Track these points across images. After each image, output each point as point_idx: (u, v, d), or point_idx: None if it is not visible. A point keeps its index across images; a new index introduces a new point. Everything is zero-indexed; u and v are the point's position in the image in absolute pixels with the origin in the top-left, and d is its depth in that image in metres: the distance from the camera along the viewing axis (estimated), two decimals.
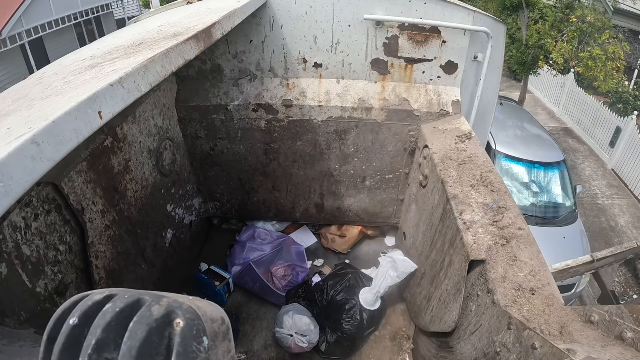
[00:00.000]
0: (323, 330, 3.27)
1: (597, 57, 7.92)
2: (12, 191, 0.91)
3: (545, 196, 6.79)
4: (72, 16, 18.66)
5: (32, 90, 1.58)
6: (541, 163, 6.99)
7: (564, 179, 6.98)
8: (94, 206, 2.32)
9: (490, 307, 1.80)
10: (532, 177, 6.89)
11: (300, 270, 3.81)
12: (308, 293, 3.49)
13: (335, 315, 3.25)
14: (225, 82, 3.39)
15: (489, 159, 2.72)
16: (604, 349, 1.32)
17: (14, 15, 15.48)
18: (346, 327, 3.19)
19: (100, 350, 0.57)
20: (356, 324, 3.21)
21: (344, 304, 3.27)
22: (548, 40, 8.41)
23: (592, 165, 11.02)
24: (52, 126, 1.00)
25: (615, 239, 8.46)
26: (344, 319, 3.22)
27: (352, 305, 3.27)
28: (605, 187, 10.23)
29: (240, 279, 3.75)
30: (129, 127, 2.68)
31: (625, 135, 10.16)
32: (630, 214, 9.35)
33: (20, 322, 1.72)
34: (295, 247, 4.03)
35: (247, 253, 3.83)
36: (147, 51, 1.59)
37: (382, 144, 3.48)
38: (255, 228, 4.09)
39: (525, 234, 2.06)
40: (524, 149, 7.19)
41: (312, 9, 3.07)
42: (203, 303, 0.65)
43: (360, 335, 3.25)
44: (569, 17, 8.16)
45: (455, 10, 3.03)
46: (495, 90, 3.59)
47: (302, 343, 3.18)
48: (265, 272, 3.75)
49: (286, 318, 3.27)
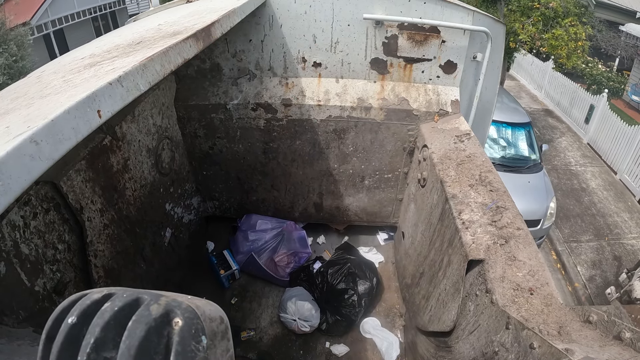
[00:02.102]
0: (324, 312, 3.53)
1: (559, 37, 9.15)
2: (10, 190, 0.91)
3: (512, 150, 8.29)
4: (92, 10, 19.99)
5: (31, 88, 1.58)
6: (509, 123, 8.44)
7: (530, 138, 8.43)
8: (92, 205, 2.32)
9: (488, 307, 1.80)
10: (501, 135, 8.39)
11: (303, 255, 3.94)
12: (310, 277, 3.73)
13: (335, 301, 3.52)
14: (224, 81, 3.39)
15: (488, 159, 2.73)
16: (603, 349, 1.32)
17: (43, 6, 16.74)
18: (344, 312, 3.49)
19: (99, 350, 0.57)
20: (353, 309, 3.50)
21: (343, 293, 3.53)
22: (517, 24, 9.70)
23: (569, 140, 12.30)
24: (51, 125, 1.00)
25: (586, 197, 9.68)
26: (342, 305, 3.50)
27: (350, 294, 3.51)
28: (580, 157, 11.44)
29: (245, 267, 3.89)
30: (128, 126, 2.68)
31: (598, 111, 11.53)
32: (602, 179, 10.44)
33: (19, 321, 1.71)
34: (296, 232, 4.09)
35: (248, 242, 3.93)
36: (146, 50, 1.59)
37: (381, 144, 3.48)
38: (256, 217, 4.13)
39: (524, 234, 2.06)
40: (496, 113, 8.43)
41: (312, 8, 3.06)
42: (202, 302, 0.65)
43: (356, 317, 3.54)
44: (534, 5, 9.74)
45: (454, 10, 3.03)
46: (494, 91, 3.59)
47: (305, 327, 3.46)
48: (268, 261, 3.87)
49: (289, 304, 3.52)
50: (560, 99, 13.79)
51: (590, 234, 8.59)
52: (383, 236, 4.45)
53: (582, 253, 8.13)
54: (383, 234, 4.46)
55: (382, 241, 4.42)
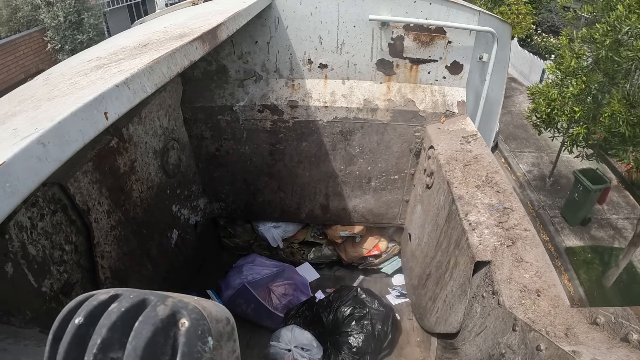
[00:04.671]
0: (326, 352, 2.97)
1: (503, 13, 12.35)
2: (18, 191, 0.92)
3: None
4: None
5: (39, 91, 1.59)
6: None
7: None
8: (99, 206, 2.33)
9: (495, 309, 1.79)
10: None
11: (302, 290, 3.60)
12: (311, 311, 3.18)
13: (343, 328, 2.95)
14: (230, 83, 3.40)
15: (495, 159, 2.71)
16: (610, 351, 1.31)
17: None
18: (355, 342, 2.87)
19: (106, 350, 0.57)
20: (368, 335, 2.89)
21: (352, 314, 3.01)
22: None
23: (525, 96, 14.19)
24: (58, 127, 1.01)
25: (531, 130, 10.32)
26: (352, 331, 2.92)
27: (362, 314, 2.98)
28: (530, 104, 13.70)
29: (232, 302, 3.53)
30: (135, 128, 2.69)
31: (547, 73, 13.29)
32: None
33: (26, 322, 1.72)
34: (298, 276, 3.94)
35: (242, 275, 3.69)
36: (152, 52, 1.59)
37: (387, 145, 3.48)
38: (256, 256, 4.02)
39: (531, 235, 2.04)
40: None
41: (318, 10, 3.06)
42: (208, 303, 0.66)
43: (370, 351, 2.92)
44: None
45: (460, 10, 3.02)
46: (501, 91, 3.57)
47: (303, 358, 2.90)
48: (263, 290, 3.52)
49: (284, 332, 3.05)
50: (522, 67, 16.58)
51: (532, 149, 11.80)
52: (394, 293, 4.10)
53: (524, 158, 11.38)
54: (394, 291, 4.13)
55: (395, 298, 4.02)
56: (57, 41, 12.06)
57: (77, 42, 12.23)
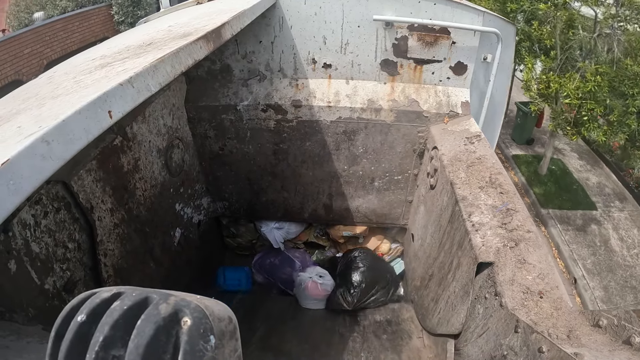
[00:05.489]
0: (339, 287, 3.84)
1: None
2: (22, 189, 0.92)
3: None
4: None
5: (43, 89, 1.60)
6: None
7: None
8: (103, 205, 2.34)
9: (497, 310, 1.79)
10: None
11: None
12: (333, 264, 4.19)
13: (346, 271, 3.86)
14: (234, 82, 3.40)
15: (499, 160, 2.71)
16: (612, 354, 1.31)
17: None
18: (354, 279, 3.80)
19: (108, 348, 0.58)
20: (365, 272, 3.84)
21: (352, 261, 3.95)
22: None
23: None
24: (62, 125, 1.01)
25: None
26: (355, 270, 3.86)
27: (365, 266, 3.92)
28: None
29: (262, 259, 4.29)
30: (139, 127, 2.69)
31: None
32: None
33: (29, 319, 1.73)
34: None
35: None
36: (157, 51, 1.60)
37: (391, 145, 3.47)
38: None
39: (534, 237, 2.04)
40: None
41: (322, 10, 3.07)
42: (211, 302, 0.66)
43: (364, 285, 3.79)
44: None
45: (464, 11, 3.02)
46: (505, 92, 3.57)
47: (319, 281, 3.81)
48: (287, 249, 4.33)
49: (308, 269, 4.02)
50: None
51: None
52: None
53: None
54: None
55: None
56: (121, 15, 14.43)
57: (136, 17, 14.23)
